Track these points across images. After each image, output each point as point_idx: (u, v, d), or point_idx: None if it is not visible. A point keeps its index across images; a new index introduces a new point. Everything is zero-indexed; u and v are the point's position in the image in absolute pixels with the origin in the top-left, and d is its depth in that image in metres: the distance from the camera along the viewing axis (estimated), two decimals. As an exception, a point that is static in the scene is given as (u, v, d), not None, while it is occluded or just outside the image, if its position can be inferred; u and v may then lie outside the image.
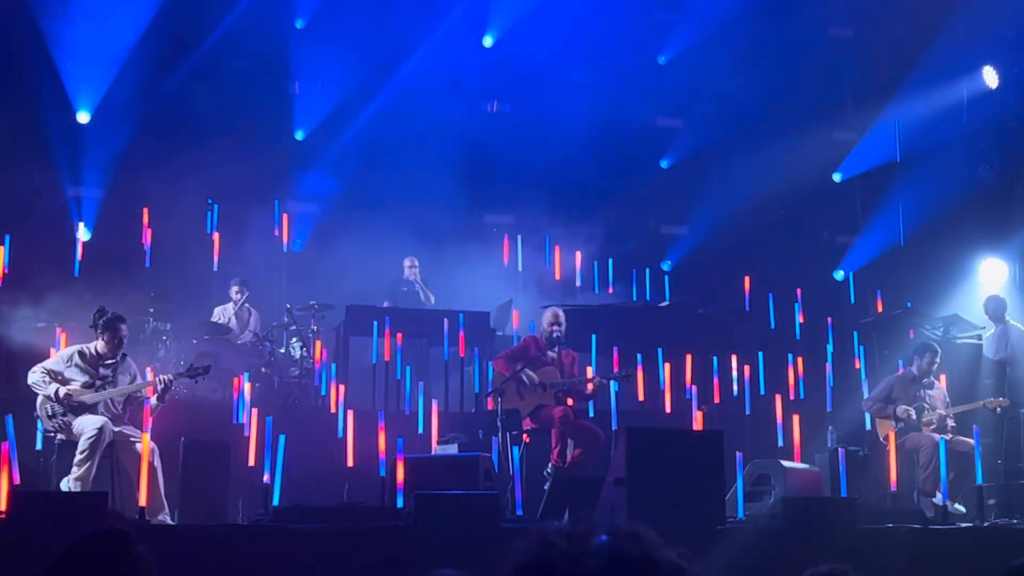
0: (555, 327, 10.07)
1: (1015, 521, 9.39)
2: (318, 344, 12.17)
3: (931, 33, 14.89)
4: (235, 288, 13.01)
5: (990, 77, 13.98)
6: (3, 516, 7.10)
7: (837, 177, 16.48)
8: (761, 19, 15.67)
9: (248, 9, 14.66)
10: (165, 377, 8.84)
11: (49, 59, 13.75)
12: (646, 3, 15.99)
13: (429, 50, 15.31)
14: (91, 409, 8.56)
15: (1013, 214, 13.58)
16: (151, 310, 11.98)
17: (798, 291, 13.33)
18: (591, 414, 10.41)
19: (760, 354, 11.90)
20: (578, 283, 14.58)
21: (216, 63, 14.32)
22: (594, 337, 11.17)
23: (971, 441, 9.71)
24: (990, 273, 13.59)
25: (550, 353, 10.06)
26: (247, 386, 10.36)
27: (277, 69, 14.98)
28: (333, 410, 10.36)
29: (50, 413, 8.53)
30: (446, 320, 11.58)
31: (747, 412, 11.29)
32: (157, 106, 14.07)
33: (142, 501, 7.89)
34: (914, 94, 15.11)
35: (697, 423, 9.71)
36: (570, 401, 9.97)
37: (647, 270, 14.65)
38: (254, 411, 9.09)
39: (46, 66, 13.75)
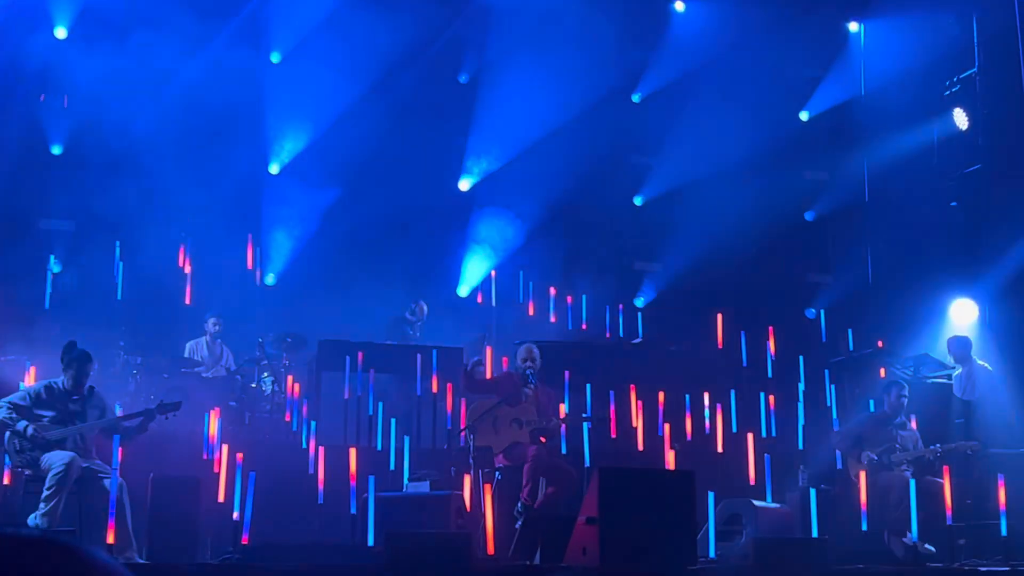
0: (528, 363, 10.02)
1: (984, 562, 9.42)
2: (290, 379, 12.13)
3: (901, 73, 15.07)
4: (212, 320, 12.93)
5: (960, 119, 14.12)
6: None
7: (809, 216, 16.64)
8: (734, 59, 15.80)
9: (224, 43, 14.68)
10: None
11: (26, 91, 13.70)
12: (620, 41, 16.09)
13: (405, 85, 15.36)
14: (59, 444, 8.45)
15: (983, 255, 13.68)
16: (122, 343, 11.91)
17: (770, 329, 13.37)
18: (563, 451, 10.38)
19: (732, 392, 11.93)
20: (552, 319, 14.60)
21: (190, 96, 14.28)
22: (567, 373, 11.16)
23: (942, 481, 9.74)
24: (960, 313, 13.66)
25: (525, 390, 10.00)
26: (218, 421, 10.28)
27: (251, 102, 14.96)
28: (304, 445, 10.30)
29: (18, 448, 8.42)
30: (419, 356, 11.54)
31: (719, 450, 11.30)
32: (131, 139, 14.01)
33: (110, 538, 7.81)
34: (885, 133, 15.27)
35: (669, 462, 9.71)
36: (543, 439, 9.91)
37: (620, 307, 14.69)
38: (224, 446, 9.02)
39: (22, 98, 13.71)
